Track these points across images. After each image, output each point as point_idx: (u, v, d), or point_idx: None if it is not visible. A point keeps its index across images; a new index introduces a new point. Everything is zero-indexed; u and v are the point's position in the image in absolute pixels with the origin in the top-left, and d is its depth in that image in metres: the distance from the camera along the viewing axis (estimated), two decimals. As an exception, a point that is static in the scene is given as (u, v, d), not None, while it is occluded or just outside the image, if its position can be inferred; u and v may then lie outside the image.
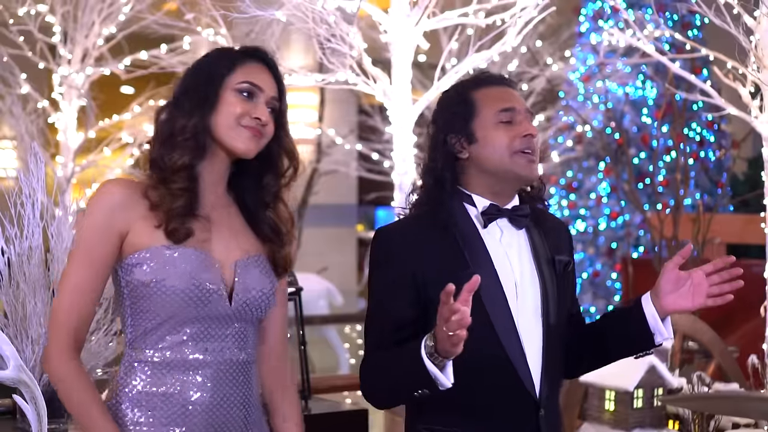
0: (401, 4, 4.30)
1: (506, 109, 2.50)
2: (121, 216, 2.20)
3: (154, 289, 2.18)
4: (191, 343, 2.22)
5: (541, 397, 2.44)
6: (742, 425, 3.87)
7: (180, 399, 2.21)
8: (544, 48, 8.24)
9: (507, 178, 2.49)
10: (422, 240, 2.45)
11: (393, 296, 2.43)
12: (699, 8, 4.07)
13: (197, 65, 2.33)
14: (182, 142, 2.23)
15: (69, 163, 6.98)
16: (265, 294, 2.29)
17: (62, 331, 2.21)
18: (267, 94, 2.30)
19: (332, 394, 5.29)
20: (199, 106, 2.25)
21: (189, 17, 5.90)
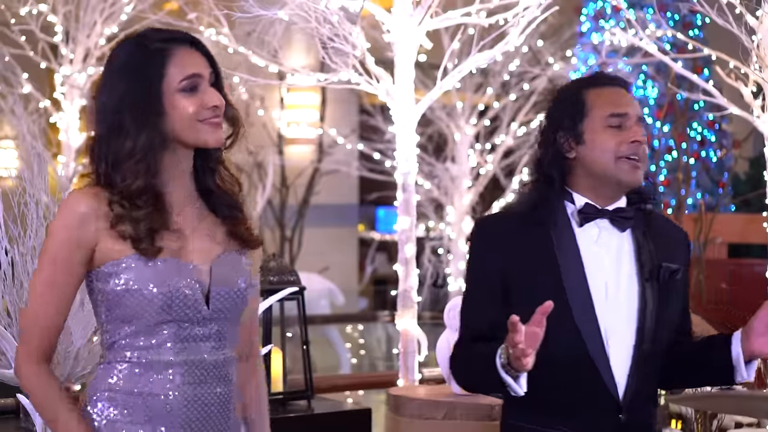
0: (404, 3, 4.30)
1: (617, 114, 2.50)
2: (87, 229, 2.16)
3: (129, 297, 2.16)
4: (168, 344, 2.20)
5: (624, 401, 2.45)
6: (744, 424, 3.87)
7: (156, 398, 2.20)
8: (546, 47, 8.23)
9: (610, 183, 2.50)
10: (516, 233, 2.51)
11: (483, 285, 2.53)
12: (701, 8, 4.07)
13: (120, 70, 2.19)
14: (133, 165, 2.15)
15: (71, 162, 6.97)
16: (241, 291, 2.27)
17: (28, 340, 2.21)
18: (206, 75, 2.21)
19: (334, 394, 5.29)
20: (143, 123, 2.15)
21: (191, 17, 5.91)
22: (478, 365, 2.42)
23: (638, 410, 2.48)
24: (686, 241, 2.66)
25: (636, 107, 2.53)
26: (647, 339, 2.47)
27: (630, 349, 2.46)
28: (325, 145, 10.43)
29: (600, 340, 2.44)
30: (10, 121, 7.59)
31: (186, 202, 2.26)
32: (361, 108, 10.67)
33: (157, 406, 2.20)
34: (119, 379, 2.22)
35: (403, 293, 4.40)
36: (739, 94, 4.24)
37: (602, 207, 2.51)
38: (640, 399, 2.47)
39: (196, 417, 2.22)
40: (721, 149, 9.18)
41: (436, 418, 3.66)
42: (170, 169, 2.23)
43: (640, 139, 2.48)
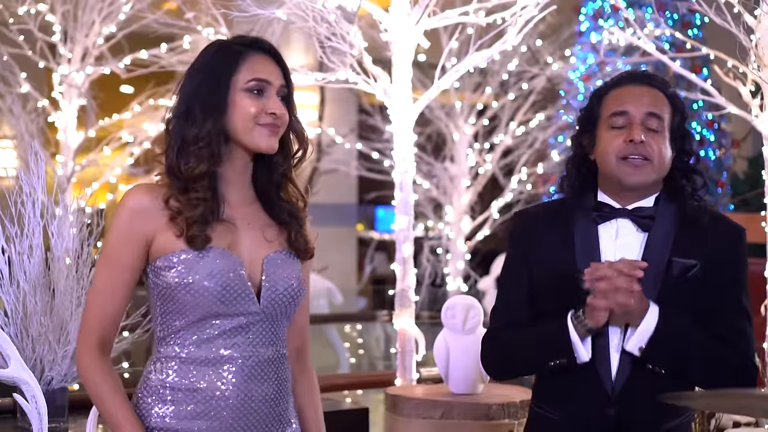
0: (402, 2, 4.30)
1: (617, 112, 2.50)
2: (144, 223, 2.25)
3: (182, 291, 2.22)
4: (220, 340, 2.24)
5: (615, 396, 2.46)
6: (743, 424, 3.87)
7: (206, 394, 2.23)
8: (545, 47, 8.24)
9: (619, 183, 2.51)
10: (544, 227, 2.58)
11: (517, 276, 2.59)
12: (699, 7, 4.07)
13: (199, 67, 2.32)
14: (197, 150, 2.25)
15: (69, 162, 6.97)
16: (293, 289, 2.33)
17: (88, 334, 2.27)
18: (275, 84, 2.31)
19: (332, 393, 5.29)
20: (210, 112, 2.26)
21: (189, 16, 5.90)
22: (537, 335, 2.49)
23: (635, 407, 2.47)
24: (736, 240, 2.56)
25: (645, 102, 2.50)
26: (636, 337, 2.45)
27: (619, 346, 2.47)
28: (324, 145, 10.43)
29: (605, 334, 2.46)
30: (8, 121, 7.58)
31: (242, 203, 2.34)
32: (359, 107, 10.68)
33: (210, 402, 2.23)
34: (171, 375, 2.25)
35: (401, 293, 4.40)
36: (738, 94, 4.24)
37: (623, 206, 2.52)
38: (637, 396, 2.47)
39: (250, 413, 2.25)
40: (719, 148, 9.17)
41: (433, 417, 3.66)
42: (229, 168, 2.31)
43: (634, 137, 2.46)
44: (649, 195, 2.53)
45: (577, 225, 2.54)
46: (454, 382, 3.80)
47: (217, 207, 2.27)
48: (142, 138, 7.19)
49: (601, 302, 2.34)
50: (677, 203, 2.54)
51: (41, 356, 3.44)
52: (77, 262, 3.51)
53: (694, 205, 2.55)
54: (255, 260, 2.30)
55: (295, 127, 2.37)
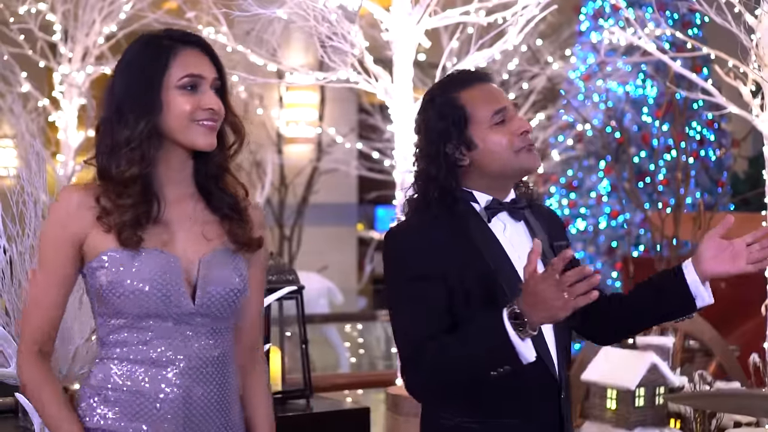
0: (403, 2, 4.30)
1: (498, 110, 2.52)
2: (74, 223, 2.21)
3: (114, 291, 2.18)
4: (158, 341, 2.21)
5: (560, 381, 2.49)
6: (743, 423, 3.87)
7: (149, 396, 2.20)
8: (545, 46, 8.24)
9: (513, 175, 2.56)
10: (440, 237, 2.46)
11: (429, 287, 2.41)
12: (700, 6, 4.07)
13: (127, 66, 2.24)
14: (128, 152, 2.19)
15: (70, 161, 6.98)
16: (232, 290, 2.26)
17: (26, 339, 2.25)
18: (209, 78, 2.24)
19: (333, 393, 5.30)
20: (142, 113, 2.19)
21: (190, 15, 5.90)
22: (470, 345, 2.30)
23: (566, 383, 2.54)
24: (558, 217, 2.75)
25: (506, 96, 2.58)
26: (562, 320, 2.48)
27: (552, 332, 2.49)
28: (324, 144, 10.43)
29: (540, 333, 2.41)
30: (8, 120, 7.59)
31: (181, 200, 2.28)
32: (360, 107, 10.67)
33: (150, 405, 2.20)
34: (111, 377, 2.22)
35: (402, 292, 4.40)
36: (738, 93, 4.24)
37: (501, 199, 2.55)
38: (565, 372, 2.54)
39: (193, 416, 2.22)
40: (720, 148, 9.18)
41: (434, 417, 3.65)
42: (165, 167, 2.25)
43: (527, 127, 2.53)
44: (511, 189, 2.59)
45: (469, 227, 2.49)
46: (454, 381, 3.79)
47: (151, 209, 2.21)
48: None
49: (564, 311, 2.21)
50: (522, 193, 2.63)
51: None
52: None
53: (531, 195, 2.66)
54: (192, 260, 2.24)
55: (230, 118, 2.28)
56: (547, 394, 2.49)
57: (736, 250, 2.49)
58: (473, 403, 2.46)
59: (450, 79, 2.61)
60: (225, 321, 2.28)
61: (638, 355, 3.93)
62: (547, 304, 2.20)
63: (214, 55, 2.28)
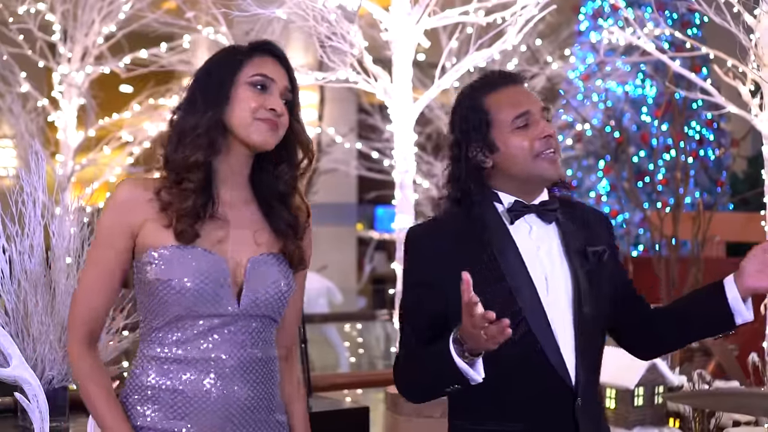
0: (402, 2, 4.30)
1: (520, 114, 2.51)
2: (130, 216, 2.24)
3: (162, 287, 2.21)
4: (201, 340, 2.23)
5: (577, 387, 2.46)
6: (742, 423, 3.87)
7: (190, 395, 2.22)
8: (544, 46, 8.24)
9: (533, 181, 2.52)
10: (451, 241, 2.48)
11: (423, 294, 2.47)
12: (699, 6, 4.07)
13: (207, 65, 2.34)
14: (194, 139, 2.25)
15: (69, 161, 6.98)
16: (278, 293, 2.29)
17: (76, 329, 2.28)
18: (280, 85, 2.31)
19: (332, 393, 5.29)
20: (212, 103, 2.26)
21: (189, 15, 5.90)
22: (427, 362, 2.36)
23: (589, 391, 2.51)
24: (606, 221, 2.68)
25: (534, 99, 2.55)
26: (589, 323, 2.49)
27: (572, 335, 2.48)
28: (324, 144, 10.43)
29: (550, 332, 2.45)
30: (8, 120, 7.59)
31: (237, 202, 2.32)
32: (359, 107, 10.68)
33: (191, 404, 2.22)
34: (152, 375, 2.24)
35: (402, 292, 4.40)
36: (737, 93, 4.24)
37: (528, 203, 2.54)
38: (589, 381, 2.51)
39: (234, 416, 2.24)
40: (719, 148, 9.19)
41: (433, 416, 3.67)
42: (225, 166, 2.30)
43: (550, 132, 2.50)
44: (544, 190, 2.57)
45: (485, 228, 2.49)
46: (454, 381, 3.80)
47: (210, 202, 2.26)
48: (142, 137, 7.20)
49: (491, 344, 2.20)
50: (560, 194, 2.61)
51: (42, 355, 3.44)
52: (78, 262, 3.51)
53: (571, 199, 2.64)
54: (240, 261, 2.27)
55: (300, 136, 2.35)
56: (559, 400, 2.45)
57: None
58: (479, 407, 2.47)
59: (479, 81, 2.61)
60: (269, 322, 2.31)
61: (637, 355, 3.92)
62: (473, 338, 2.21)
63: (290, 68, 2.36)
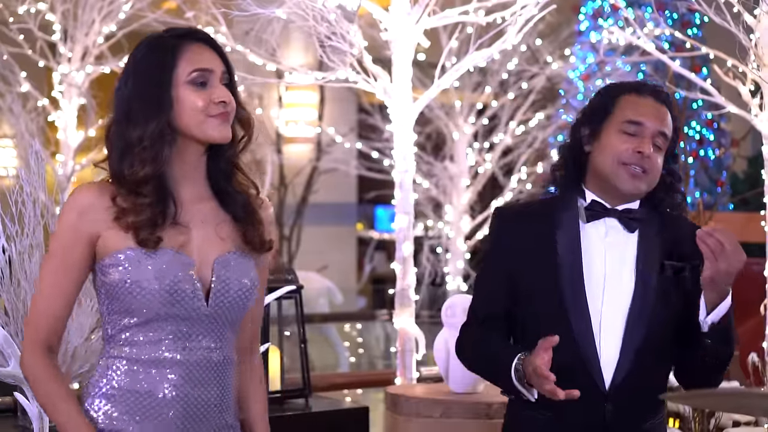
0: (402, 2, 4.30)
1: (633, 121, 2.53)
2: (89, 221, 2.20)
3: (128, 289, 2.18)
4: (167, 342, 2.21)
5: (610, 392, 2.49)
6: (742, 423, 3.87)
7: (152, 396, 2.20)
8: (544, 46, 8.24)
9: (610, 185, 2.55)
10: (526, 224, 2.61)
11: (492, 269, 2.65)
12: (699, 6, 4.07)
13: (135, 66, 2.24)
14: (140, 152, 2.19)
15: (69, 161, 6.97)
16: (244, 292, 2.27)
17: (33, 333, 2.24)
18: (217, 72, 2.24)
19: (332, 392, 5.30)
20: (153, 111, 2.19)
21: (189, 15, 5.89)
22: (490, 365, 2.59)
23: (629, 404, 2.51)
24: None
25: (662, 120, 2.55)
26: (644, 338, 2.50)
27: (619, 344, 2.50)
28: (324, 144, 10.43)
29: (591, 335, 2.49)
30: (8, 120, 7.58)
31: (196, 199, 2.28)
32: (359, 107, 10.67)
33: (153, 405, 2.21)
34: (118, 376, 2.23)
35: (401, 292, 4.41)
36: (737, 93, 4.25)
37: (612, 206, 2.55)
38: (631, 393, 2.51)
39: (192, 418, 2.22)
40: (719, 148, 9.18)
41: (433, 416, 3.66)
42: (179, 165, 2.25)
43: (644, 150, 2.50)
44: (634, 199, 2.59)
45: (560, 223, 2.55)
46: (454, 381, 3.81)
47: (167, 209, 2.21)
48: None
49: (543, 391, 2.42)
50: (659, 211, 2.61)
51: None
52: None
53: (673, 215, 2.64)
54: (206, 261, 2.24)
55: (239, 113, 2.28)
56: (589, 399, 2.47)
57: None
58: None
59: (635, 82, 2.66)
60: (233, 323, 2.29)
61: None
62: (531, 381, 2.42)
63: (220, 49, 2.28)
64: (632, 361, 2.50)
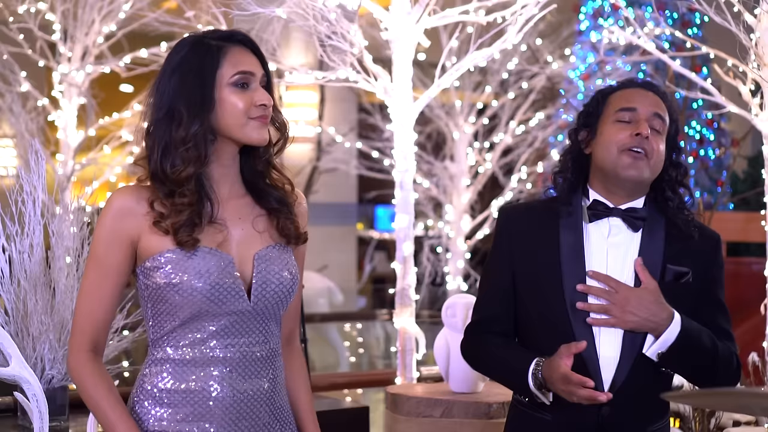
0: (402, 1, 4.30)
1: (625, 108, 2.54)
2: (128, 224, 2.23)
3: (172, 290, 2.20)
4: (214, 340, 2.23)
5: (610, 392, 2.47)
6: (743, 423, 3.87)
7: (201, 396, 2.22)
8: (544, 46, 8.23)
9: (615, 177, 2.54)
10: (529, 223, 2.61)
11: (496, 269, 2.65)
12: (699, 6, 4.07)
13: (177, 66, 2.26)
14: (184, 152, 2.21)
15: (69, 161, 6.97)
16: (287, 283, 2.30)
17: (79, 336, 2.26)
18: (258, 75, 2.28)
19: (333, 392, 5.30)
20: (196, 112, 2.22)
21: (189, 15, 5.90)
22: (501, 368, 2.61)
23: (630, 406, 2.51)
24: (715, 245, 2.63)
25: (652, 103, 2.56)
26: (636, 337, 2.50)
27: (619, 346, 2.50)
28: (324, 144, 10.42)
29: (591, 335, 2.49)
30: (8, 120, 7.58)
31: (231, 195, 2.31)
32: (359, 106, 10.67)
33: (204, 404, 2.22)
34: (165, 378, 2.24)
35: (401, 291, 4.40)
36: (738, 93, 4.24)
37: (615, 205, 2.55)
38: (631, 395, 2.50)
39: (245, 413, 2.24)
40: (719, 148, 9.18)
41: (434, 416, 3.66)
42: (216, 165, 2.28)
43: (642, 131, 2.50)
44: (638, 197, 2.58)
45: (563, 223, 2.56)
46: (454, 380, 3.80)
47: (204, 209, 2.24)
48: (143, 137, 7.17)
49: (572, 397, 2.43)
50: (664, 211, 2.60)
51: (42, 355, 3.44)
52: (77, 261, 3.52)
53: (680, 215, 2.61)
54: (246, 257, 2.27)
55: (275, 117, 2.33)
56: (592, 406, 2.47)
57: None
58: None
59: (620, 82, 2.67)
60: (276, 316, 2.32)
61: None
62: (556, 387, 2.42)
63: (260, 53, 2.32)
64: (632, 362, 2.50)
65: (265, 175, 2.34)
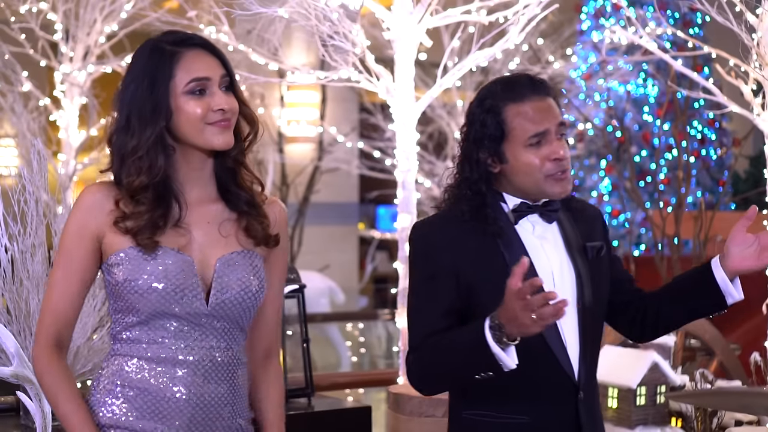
0: (404, 1, 4.30)
1: (537, 134, 2.49)
2: (94, 220, 2.24)
3: (130, 287, 2.21)
4: (172, 340, 2.23)
5: (579, 381, 2.50)
6: (745, 422, 3.87)
7: (160, 394, 2.22)
8: (546, 46, 8.24)
9: (540, 195, 2.53)
10: (460, 233, 2.51)
11: (437, 286, 2.49)
12: (701, 6, 4.07)
13: (133, 75, 2.24)
14: (136, 161, 2.21)
15: (71, 160, 6.97)
16: (248, 292, 2.27)
17: (42, 330, 2.27)
18: (216, 78, 2.25)
19: (334, 392, 5.30)
20: (147, 122, 2.21)
21: (191, 15, 5.89)
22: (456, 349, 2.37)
23: (590, 385, 2.55)
24: (601, 217, 2.72)
25: (555, 115, 2.51)
26: (590, 317, 2.53)
27: (577, 330, 2.52)
28: (326, 144, 10.43)
29: (555, 327, 2.47)
30: (10, 119, 7.59)
31: (202, 201, 2.30)
32: (361, 106, 10.67)
33: (158, 403, 2.22)
34: (123, 373, 2.24)
35: (403, 291, 4.40)
36: (739, 92, 4.24)
37: (533, 202, 2.56)
38: (590, 375, 2.55)
39: (200, 416, 2.24)
40: (721, 147, 9.19)
41: (435, 415, 3.66)
42: (185, 169, 2.27)
43: (561, 156, 2.48)
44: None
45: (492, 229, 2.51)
46: (456, 380, 3.80)
47: (169, 212, 2.24)
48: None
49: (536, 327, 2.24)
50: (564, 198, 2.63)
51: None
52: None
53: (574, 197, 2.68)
54: (208, 261, 2.26)
55: (243, 111, 2.30)
56: (561, 392, 2.49)
57: (762, 245, 2.50)
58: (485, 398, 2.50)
59: (504, 85, 2.56)
60: (239, 323, 2.29)
61: (639, 354, 3.93)
62: (518, 321, 2.22)
63: (219, 53, 2.28)
64: (588, 343, 2.53)
65: (235, 173, 2.32)
